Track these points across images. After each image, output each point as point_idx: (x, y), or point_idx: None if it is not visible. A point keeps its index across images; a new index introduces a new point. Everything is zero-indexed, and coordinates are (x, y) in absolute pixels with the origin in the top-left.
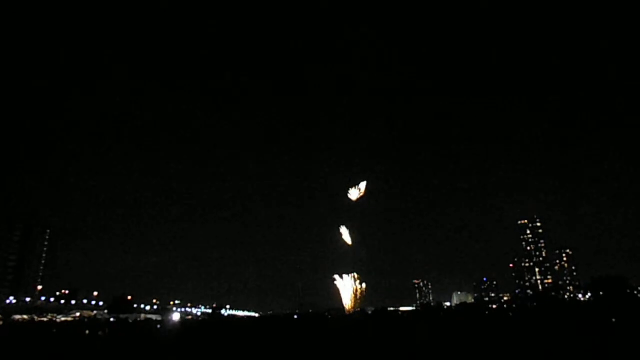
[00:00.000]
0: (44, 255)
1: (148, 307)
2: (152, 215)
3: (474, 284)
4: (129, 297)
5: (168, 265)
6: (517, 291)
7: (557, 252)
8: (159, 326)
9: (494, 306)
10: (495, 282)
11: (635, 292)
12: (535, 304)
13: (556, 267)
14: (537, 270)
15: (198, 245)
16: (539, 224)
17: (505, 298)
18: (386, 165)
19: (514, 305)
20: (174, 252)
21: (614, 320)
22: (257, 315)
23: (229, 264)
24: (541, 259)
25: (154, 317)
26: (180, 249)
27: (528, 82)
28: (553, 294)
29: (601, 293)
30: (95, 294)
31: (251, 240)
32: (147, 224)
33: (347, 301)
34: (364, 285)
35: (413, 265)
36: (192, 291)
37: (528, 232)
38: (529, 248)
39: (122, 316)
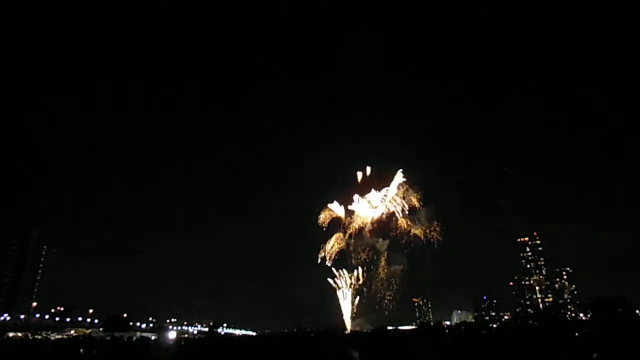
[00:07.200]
0: (39, 271)
1: (144, 325)
2: (149, 231)
3: (474, 302)
4: (125, 315)
5: (165, 282)
6: (517, 310)
7: (557, 270)
8: (154, 345)
9: (495, 325)
10: (495, 301)
11: (637, 312)
12: (536, 322)
13: (556, 286)
14: (537, 288)
15: (196, 261)
16: (538, 242)
17: (506, 317)
18: None
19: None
20: (171, 270)
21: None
22: (254, 334)
23: (227, 281)
24: (541, 277)
25: (149, 335)
26: (177, 266)
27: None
28: (554, 312)
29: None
30: (91, 311)
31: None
32: (144, 240)
33: (348, 320)
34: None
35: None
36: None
37: (528, 249)
38: (528, 266)
39: (117, 334)
